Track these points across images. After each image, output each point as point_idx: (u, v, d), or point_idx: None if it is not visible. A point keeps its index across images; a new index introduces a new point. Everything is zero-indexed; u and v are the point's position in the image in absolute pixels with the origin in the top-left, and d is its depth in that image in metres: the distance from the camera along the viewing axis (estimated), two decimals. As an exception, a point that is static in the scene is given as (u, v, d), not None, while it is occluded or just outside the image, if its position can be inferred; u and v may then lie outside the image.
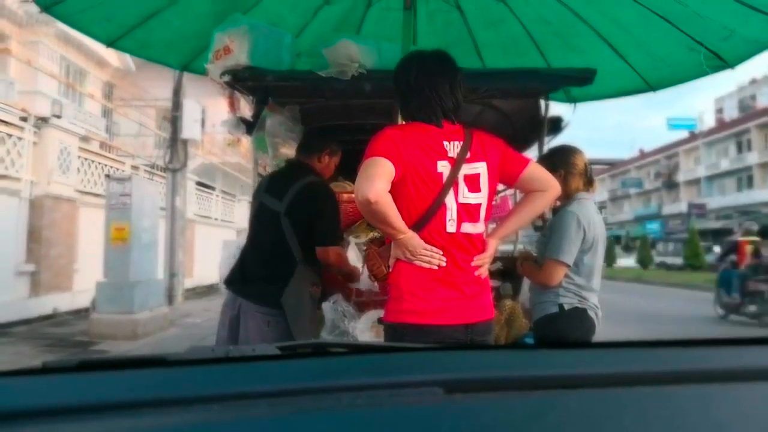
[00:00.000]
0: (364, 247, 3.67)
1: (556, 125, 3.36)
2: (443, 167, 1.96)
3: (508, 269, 3.17)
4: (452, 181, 1.96)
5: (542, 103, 3.23)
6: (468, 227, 2.01)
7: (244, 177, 19.03)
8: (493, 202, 4.27)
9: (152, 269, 7.87)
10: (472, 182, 2.01)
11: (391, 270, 2.02)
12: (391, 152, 1.89)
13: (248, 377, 0.47)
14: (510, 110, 3.64)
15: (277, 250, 2.77)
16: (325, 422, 0.40)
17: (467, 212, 2.00)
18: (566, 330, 2.53)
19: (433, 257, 1.96)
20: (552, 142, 3.41)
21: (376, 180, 1.81)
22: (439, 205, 1.96)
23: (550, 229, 2.73)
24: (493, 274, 3.43)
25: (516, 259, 3.01)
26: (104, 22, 3.24)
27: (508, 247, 5.18)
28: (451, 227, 1.98)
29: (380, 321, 2.34)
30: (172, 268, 10.58)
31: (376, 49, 2.91)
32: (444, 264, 1.97)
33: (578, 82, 2.84)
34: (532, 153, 3.63)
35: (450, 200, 1.97)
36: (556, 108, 3.62)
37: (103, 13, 3.12)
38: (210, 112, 15.75)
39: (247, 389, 0.43)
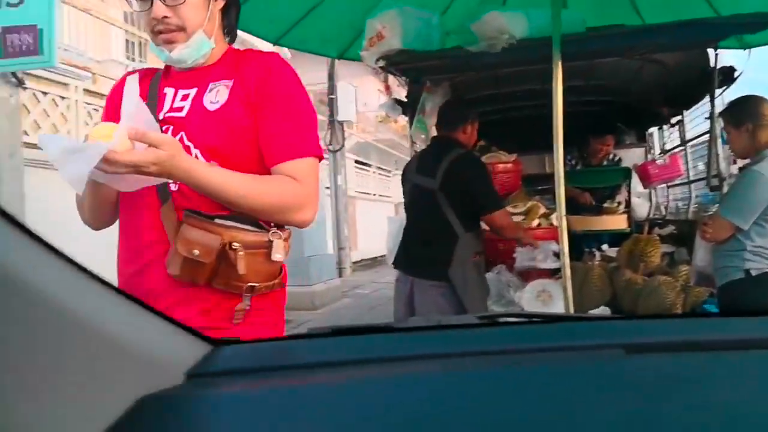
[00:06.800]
0: (522, 217, 3.68)
1: (727, 76, 3.06)
2: None
3: (682, 233, 3.01)
4: None
5: (711, 53, 2.97)
6: None
7: (397, 152, 19.50)
8: (660, 161, 4.03)
9: (323, 244, 8.48)
10: None
11: None
12: None
13: (455, 341, 0.58)
14: (673, 63, 3.39)
15: (437, 226, 2.90)
16: (523, 378, 0.50)
17: None
18: (755, 297, 2.34)
19: None
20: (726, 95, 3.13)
21: None
22: None
23: (732, 186, 2.55)
24: (666, 238, 3.28)
25: (691, 223, 2.86)
26: (269, 23, 3.56)
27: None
28: None
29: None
30: (340, 243, 11.27)
31: (525, 18, 2.88)
32: None
33: (751, 29, 2.57)
34: (703, 107, 3.37)
35: None
36: (726, 56, 3.29)
37: (268, 16, 3.43)
38: (360, 91, 16.33)
39: (456, 350, 0.54)
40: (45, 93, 5.64)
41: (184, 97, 1.37)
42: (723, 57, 3.15)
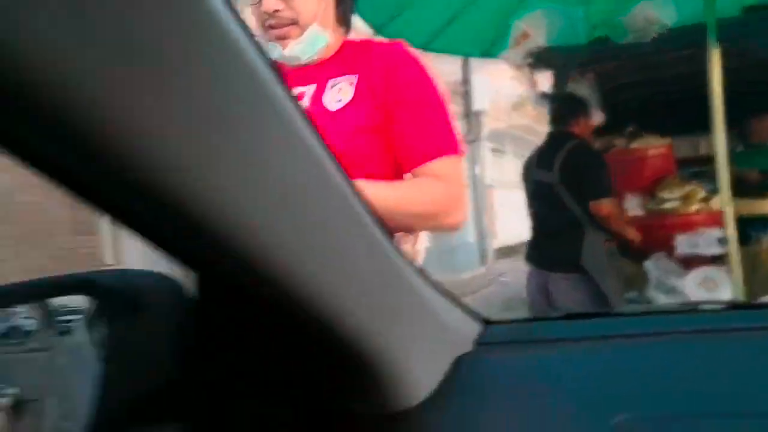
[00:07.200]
0: (678, 203, 3.61)
1: None
2: None
3: None
4: None
5: None
6: None
7: (534, 137, 19.05)
8: None
9: (466, 233, 8.69)
10: None
11: None
12: None
13: (662, 324, 0.75)
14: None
15: (562, 219, 2.97)
16: (723, 355, 0.61)
17: None
18: None
19: None
20: None
21: None
22: None
23: None
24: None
25: None
26: (418, 30, 3.84)
27: None
28: None
29: None
30: (481, 232, 11.39)
31: (674, 6, 2.89)
32: None
33: None
34: None
35: None
36: None
37: (418, 24, 3.70)
38: (493, 79, 16.19)
39: (665, 330, 0.71)
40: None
41: (300, 96, 1.22)
42: None
